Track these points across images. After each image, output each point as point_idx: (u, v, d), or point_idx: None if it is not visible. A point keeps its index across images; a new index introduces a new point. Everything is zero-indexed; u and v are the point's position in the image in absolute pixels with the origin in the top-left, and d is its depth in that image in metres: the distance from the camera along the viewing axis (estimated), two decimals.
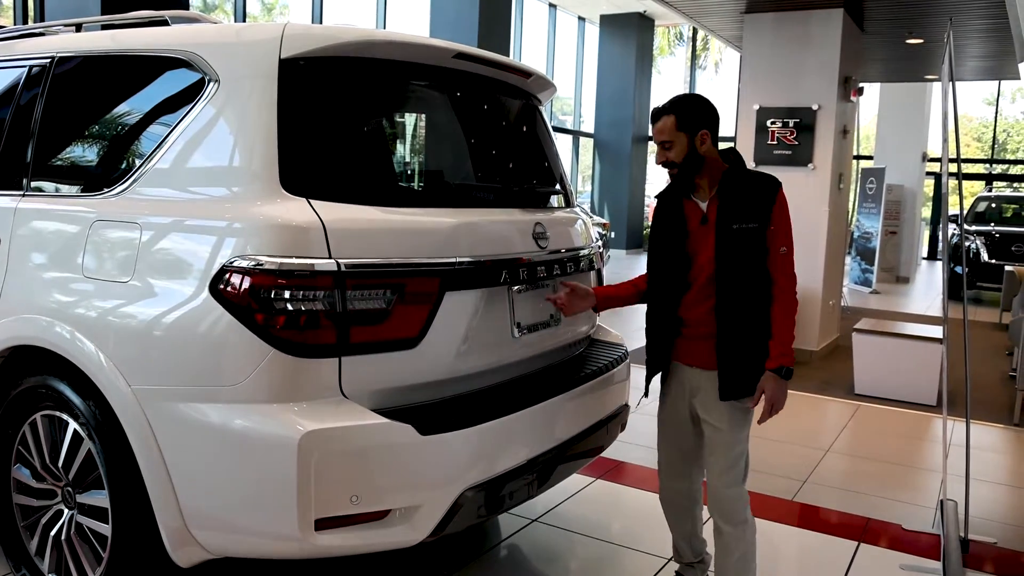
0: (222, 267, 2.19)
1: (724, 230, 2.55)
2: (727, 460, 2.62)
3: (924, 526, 3.76)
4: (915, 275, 15.96)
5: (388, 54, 2.54)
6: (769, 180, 2.61)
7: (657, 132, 2.61)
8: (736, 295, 2.55)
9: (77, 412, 2.45)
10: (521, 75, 3.05)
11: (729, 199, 2.57)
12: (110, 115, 2.80)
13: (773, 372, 2.54)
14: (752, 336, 2.56)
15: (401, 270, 2.31)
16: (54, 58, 2.85)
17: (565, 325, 3.00)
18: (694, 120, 2.57)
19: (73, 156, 2.87)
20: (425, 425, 2.25)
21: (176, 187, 2.43)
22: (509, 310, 2.68)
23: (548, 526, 3.57)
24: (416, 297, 2.35)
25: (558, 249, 2.92)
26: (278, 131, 2.28)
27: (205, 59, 2.44)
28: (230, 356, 2.18)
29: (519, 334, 2.72)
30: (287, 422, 2.13)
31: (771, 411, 2.57)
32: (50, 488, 2.63)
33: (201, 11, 12.99)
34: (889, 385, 6.10)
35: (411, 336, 2.34)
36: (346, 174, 2.42)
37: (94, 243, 2.47)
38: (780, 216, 2.56)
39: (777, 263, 2.55)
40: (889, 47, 9.30)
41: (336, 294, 2.19)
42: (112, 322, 2.37)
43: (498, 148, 3.10)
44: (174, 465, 2.26)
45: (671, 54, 21.77)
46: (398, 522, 2.25)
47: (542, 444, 2.66)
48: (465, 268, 2.47)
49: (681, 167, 2.59)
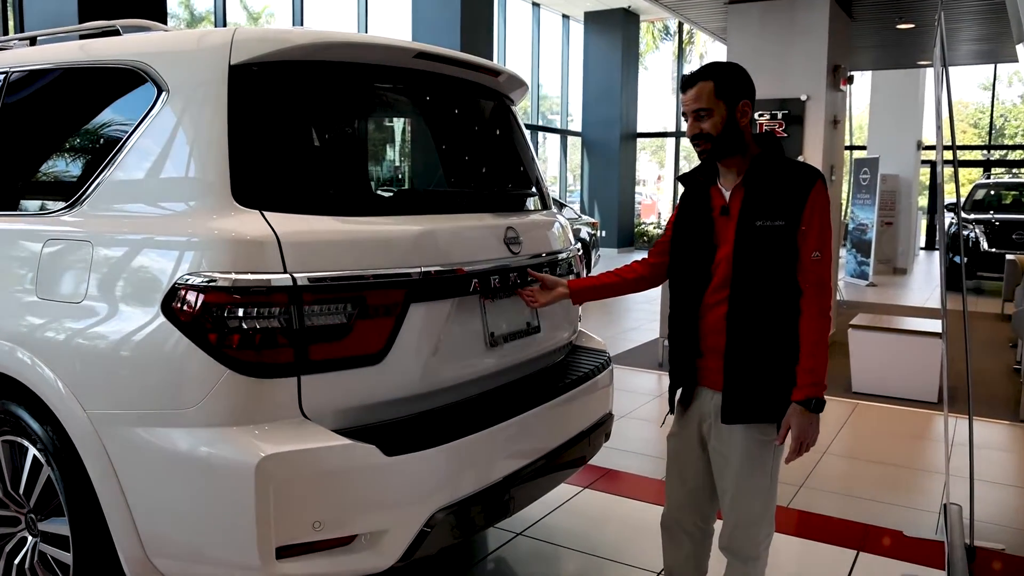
0: (174, 285, 2.10)
1: (746, 226, 2.23)
2: (744, 499, 2.30)
3: (927, 532, 3.63)
4: (913, 266, 15.87)
5: (345, 56, 2.43)
6: (806, 171, 2.26)
7: (691, 99, 2.26)
8: (751, 302, 2.22)
9: (35, 438, 2.38)
10: (489, 74, 2.93)
11: (756, 190, 2.24)
12: (63, 131, 2.71)
13: (800, 405, 2.19)
14: (766, 352, 2.23)
15: (361, 283, 2.20)
16: (8, 74, 2.77)
17: (545, 332, 2.89)
18: (735, 88, 2.26)
19: (27, 174, 2.78)
20: (391, 445, 2.15)
21: (127, 202, 2.34)
22: (481, 320, 2.57)
23: (533, 540, 3.46)
24: (378, 310, 2.24)
25: (533, 254, 2.81)
26: (229, 141, 2.18)
27: (154, 68, 2.35)
28: (184, 378, 2.09)
29: (493, 345, 2.61)
30: (244, 446, 2.04)
31: (799, 449, 2.22)
32: (14, 515, 2.56)
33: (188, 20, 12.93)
34: (888, 382, 5.98)
35: (375, 352, 2.23)
36: (303, 184, 2.32)
37: (47, 263, 2.39)
38: (815, 215, 2.20)
39: (807, 270, 2.20)
40: (879, 33, 9.21)
41: (293, 310, 2.09)
42: (66, 345, 2.28)
43: (467, 151, 2.99)
44: (131, 492, 2.18)
45: (656, 49, 21.68)
46: (365, 548, 2.15)
47: (519, 460, 2.56)
48: (431, 278, 2.36)
49: (717, 141, 2.25)
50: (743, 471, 2.29)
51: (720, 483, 2.37)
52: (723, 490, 2.36)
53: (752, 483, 2.29)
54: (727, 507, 2.35)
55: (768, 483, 2.31)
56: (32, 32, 3.07)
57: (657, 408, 5.71)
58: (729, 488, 2.33)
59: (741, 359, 2.24)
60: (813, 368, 2.19)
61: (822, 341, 2.20)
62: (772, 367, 2.23)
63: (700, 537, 2.52)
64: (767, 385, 2.23)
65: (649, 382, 6.47)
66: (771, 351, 2.23)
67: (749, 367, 2.24)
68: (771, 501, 2.35)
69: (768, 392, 2.24)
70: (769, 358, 2.23)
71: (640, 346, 7.76)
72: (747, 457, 2.28)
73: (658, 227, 20.18)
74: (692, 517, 2.49)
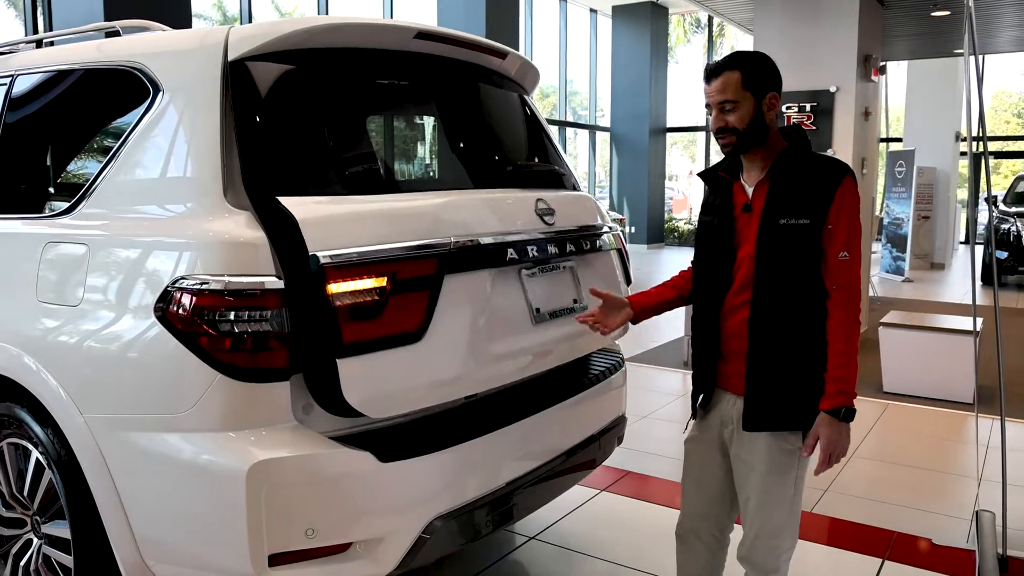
0: (166, 288, 2.07)
1: (769, 224, 2.12)
2: (766, 509, 2.20)
3: (958, 541, 3.49)
4: (951, 261, 15.48)
5: (344, 41, 2.38)
6: (833, 166, 2.14)
7: (716, 91, 2.14)
8: (775, 305, 2.13)
9: (37, 440, 2.38)
10: (495, 55, 2.85)
11: (780, 186, 2.14)
12: (64, 134, 2.72)
13: (829, 414, 2.08)
14: (790, 357, 2.13)
15: (389, 256, 2.14)
16: (14, 77, 2.77)
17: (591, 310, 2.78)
18: (763, 80, 2.14)
19: (30, 177, 2.79)
20: (386, 451, 2.10)
21: (124, 205, 2.32)
22: (523, 295, 2.49)
23: (547, 544, 3.39)
24: (411, 284, 2.17)
25: (568, 227, 2.69)
26: (223, 141, 2.15)
27: (152, 69, 2.34)
28: (177, 382, 2.07)
29: (540, 321, 2.52)
30: (235, 451, 2.01)
31: (829, 461, 2.12)
32: (20, 517, 2.57)
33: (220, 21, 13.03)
34: (920, 382, 5.78)
35: (413, 328, 2.16)
36: (316, 168, 2.28)
37: (46, 267, 2.38)
38: (841, 213, 2.08)
39: (834, 271, 2.09)
40: (913, 21, 8.97)
41: (286, 313, 2.04)
42: (64, 348, 2.28)
43: (483, 133, 2.90)
44: (128, 496, 2.17)
45: (687, 42, 21.43)
46: (360, 556, 2.12)
47: (524, 465, 2.50)
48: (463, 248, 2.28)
49: (743, 135, 2.14)
50: (767, 480, 2.19)
51: (742, 491, 2.27)
52: (745, 498, 2.26)
53: (776, 493, 2.19)
54: (749, 516, 2.25)
55: (792, 493, 2.21)
56: (37, 35, 3.08)
57: (681, 409, 5.60)
58: (751, 497, 2.23)
59: (764, 364, 2.15)
60: (843, 376, 2.08)
61: (851, 346, 2.09)
62: (797, 373, 2.13)
63: (716, 548, 2.41)
64: (791, 392, 2.14)
65: (673, 381, 6.36)
66: (795, 356, 2.13)
67: (772, 372, 2.14)
68: (795, 512, 2.25)
69: (792, 399, 2.14)
70: (793, 363, 2.13)
71: (664, 344, 7.64)
72: (771, 465, 2.18)
73: (689, 222, 19.98)
74: (709, 527, 2.38)
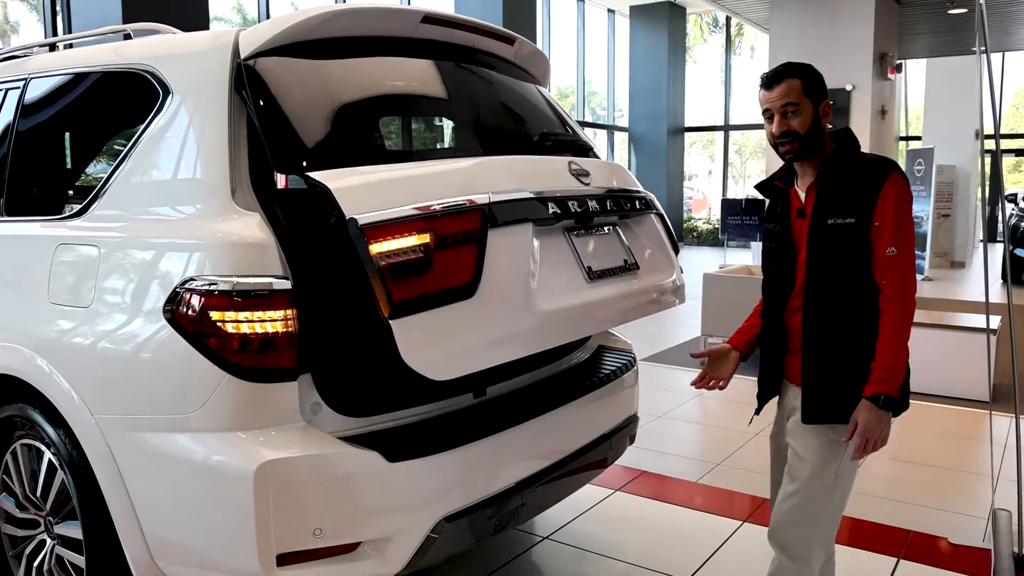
0: (175, 289, 2.09)
1: (818, 225, 2.19)
2: (802, 494, 2.24)
3: (974, 540, 3.45)
4: (971, 260, 15.30)
5: (349, 29, 2.38)
6: (878, 164, 2.18)
7: (779, 96, 2.19)
8: (825, 302, 2.20)
9: (49, 441, 2.40)
10: (503, 40, 2.85)
11: (828, 188, 2.20)
12: (78, 135, 2.77)
13: (869, 400, 2.12)
14: (843, 351, 2.19)
15: (428, 214, 2.08)
16: (27, 80, 2.81)
17: (644, 271, 2.74)
18: (819, 88, 2.23)
19: (45, 178, 2.83)
20: (394, 451, 2.11)
21: (135, 206, 2.34)
22: (573, 254, 2.45)
23: (560, 544, 3.38)
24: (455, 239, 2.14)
25: (605, 187, 2.65)
26: (232, 142, 2.16)
27: (162, 71, 2.36)
28: (186, 382, 2.09)
29: (593, 279, 2.49)
30: (243, 451, 2.02)
31: (865, 448, 2.15)
32: (33, 518, 2.59)
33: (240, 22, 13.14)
34: (936, 380, 5.71)
35: (464, 283, 2.12)
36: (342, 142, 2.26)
37: (58, 268, 2.41)
38: (888, 209, 2.12)
39: (883, 267, 2.13)
40: (930, 19, 8.90)
41: (294, 313, 2.06)
42: (75, 350, 2.30)
43: (501, 114, 2.89)
44: (137, 496, 2.19)
45: (704, 42, 21.34)
46: (369, 555, 2.12)
47: (533, 464, 2.49)
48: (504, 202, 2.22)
49: (804, 140, 2.20)
50: (809, 468, 2.24)
51: (788, 473, 2.32)
52: (788, 482, 2.31)
53: (815, 481, 2.24)
54: (786, 499, 2.28)
55: (831, 485, 2.24)
56: (50, 39, 3.12)
57: (696, 408, 5.58)
58: (792, 481, 2.28)
59: (817, 359, 2.22)
60: (887, 365, 2.12)
61: (901, 340, 2.13)
62: (849, 367, 2.18)
63: None
64: (845, 386, 2.18)
65: (689, 381, 6.31)
66: (848, 351, 2.19)
67: (825, 367, 2.21)
68: (832, 507, 2.26)
69: (846, 393, 2.18)
70: (846, 358, 2.19)
71: (680, 344, 7.61)
72: (820, 456, 2.23)
73: (707, 222, 19.86)
74: None
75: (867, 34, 6.91)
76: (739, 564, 3.24)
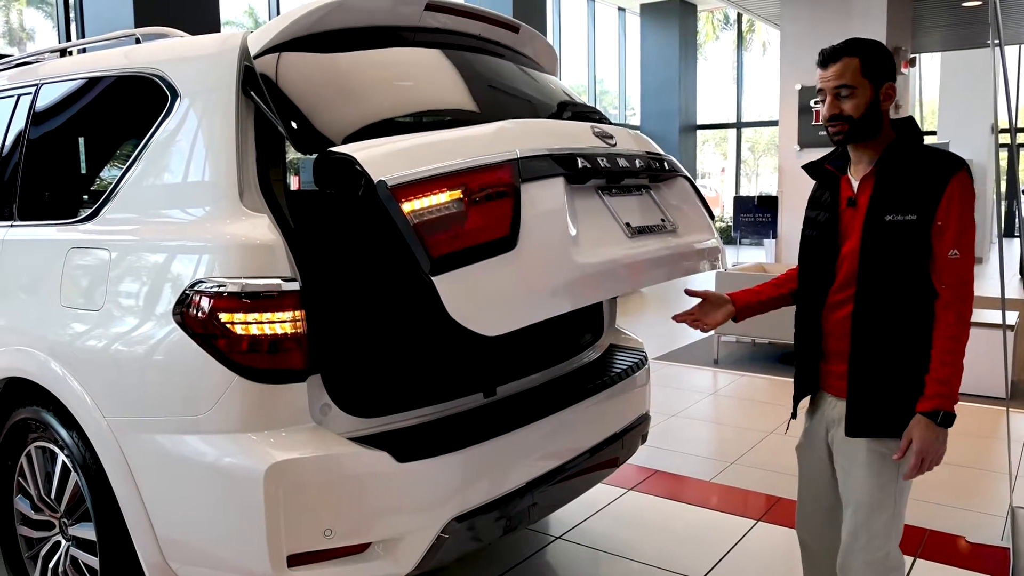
0: (185, 291, 2.10)
1: (874, 220, 2.04)
2: (860, 516, 2.10)
3: (991, 538, 3.42)
4: (989, 255, 15.17)
5: (349, 21, 2.37)
6: (945, 160, 2.03)
7: (833, 76, 2.05)
8: (879, 304, 2.04)
9: (63, 444, 2.42)
10: (508, 28, 2.86)
11: (888, 180, 2.05)
12: (89, 139, 2.78)
13: (926, 416, 2.00)
14: (894, 359, 2.05)
15: (457, 170, 2.04)
16: (39, 86, 2.83)
17: (681, 231, 2.67)
18: (882, 68, 2.05)
19: (55, 182, 2.85)
20: (404, 451, 2.11)
21: (144, 209, 2.35)
22: (610, 212, 2.39)
23: (572, 544, 3.37)
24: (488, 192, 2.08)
25: (630, 150, 2.59)
26: (240, 145, 2.17)
27: (170, 75, 2.36)
28: (196, 384, 2.10)
29: (633, 235, 2.41)
30: (253, 452, 2.03)
31: (920, 466, 2.01)
32: (48, 520, 2.61)
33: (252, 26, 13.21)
34: None
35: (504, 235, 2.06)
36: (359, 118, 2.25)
37: (70, 272, 2.43)
38: (952, 209, 1.97)
39: (943, 270, 1.99)
40: (944, 12, 8.82)
41: (302, 314, 2.07)
42: (86, 352, 2.31)
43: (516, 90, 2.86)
44: (149, 498, 2.20)
45: (716, 39, 21.25)
46: (379, 556, 2.12)
47: (544, 464, 2.48)
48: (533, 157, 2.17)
49: (855, 124, 2.05)
50: (865, 488, 2.10)
51: (843, 497, 2.19)
52: (846, 503, 2.18)
53: (876, 502, 2.10)
54: (848, 528, 2.15)
55: (891, 501, 2.10)
56: (60, 45, 3.14)
57: (710, 407, 5.55)
58: (850, 503, 2.15)
59: (867, 366, 2.07)
60: (945, 379, 2.00)
61: (958, 349, 2.01)
62: (901, 376, 2.05)
63: (830, 559, 2.29)
64: (895, 396, 2.05)
65: (703, 379, 6.30)
66: (900, 359, 2.05)
67: (876, 375, 2.07)
68: (896, 519, 2.12)
69: (896, 404, 2.05)
70: (898, 366, 2.05)
71: (694, 343, 7.57)
72: (869, 471, 2.10)
73: (721, 220, 19.80)
74: (831, 534, 2.26)
75: (880, 28, 6.85)
76: (753, 564, 3.22)
